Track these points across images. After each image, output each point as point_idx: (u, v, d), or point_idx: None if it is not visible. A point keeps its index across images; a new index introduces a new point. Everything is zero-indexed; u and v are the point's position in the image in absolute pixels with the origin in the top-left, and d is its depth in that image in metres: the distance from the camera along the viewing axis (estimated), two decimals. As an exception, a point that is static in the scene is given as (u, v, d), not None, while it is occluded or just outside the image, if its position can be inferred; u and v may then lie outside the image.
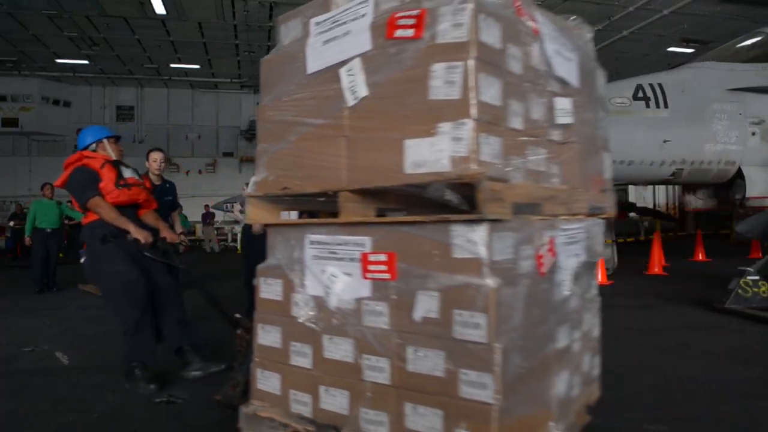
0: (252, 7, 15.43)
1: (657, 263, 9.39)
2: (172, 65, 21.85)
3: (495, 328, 1.71)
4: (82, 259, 3.76)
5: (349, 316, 2.02)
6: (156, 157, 5.14)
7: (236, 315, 3.09)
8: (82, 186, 3.57)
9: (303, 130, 2.19)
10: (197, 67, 22.02)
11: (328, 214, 2.38)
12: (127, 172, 3.74)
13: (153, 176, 5.16)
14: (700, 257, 11.44)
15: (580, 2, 15.10)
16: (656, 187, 23.68)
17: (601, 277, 7.89)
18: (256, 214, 2.35)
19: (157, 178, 5.20)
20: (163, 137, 25.13)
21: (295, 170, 2.21)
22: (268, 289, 2.27)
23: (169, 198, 5.37)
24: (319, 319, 2.10)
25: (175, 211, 5.62)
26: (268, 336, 2.26)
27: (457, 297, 1.77)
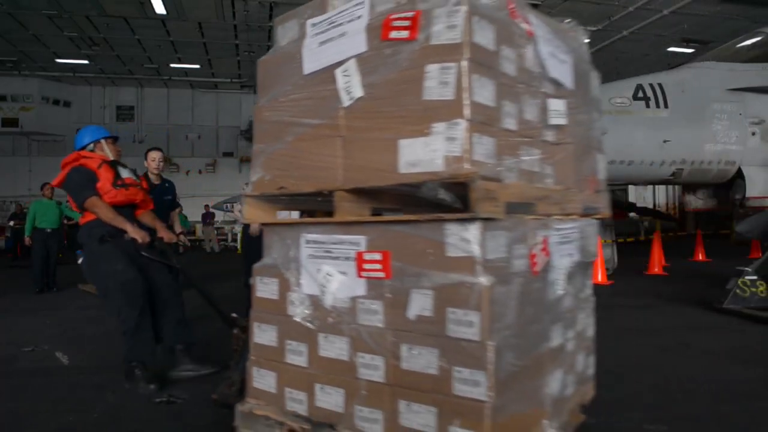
0: (252, 7, 15.44)
1: (657, 263, 9.39)
2: (172, 65, 21.85)
3: (488, 326, 1.72)
4: (80, 260, 3.76)
5: (344, 315, 2.03)
6: (154, 156, 5.15)
7: (233, 314, 3.09)
8: (79, 186, 3.57)
9: (299, 130, 2.21)
10: (197, 67, 22.02)
11: (324, 214, 2.40)
12: (125, 173, 3.75)
13: (152, 176, 5.16)
14: (700, 257, 11.45)
15: (580, 2, 15.12)
16: (656, 187, 23.66)
17: (601, 277, 7.92)
18: (252, 214, 2.36)
19: (156, 178, 5.20)
20: (163, 137, 25.12)
21: (291, 170, 2.22)
22: (264, 288, 2.28)
23: (169, 197, 5.38)
24: (315, 317, 2.12)
25: (175, 211, 5.64)
26: (264, 334, 2.28)
27: (450, 295, 1.79)
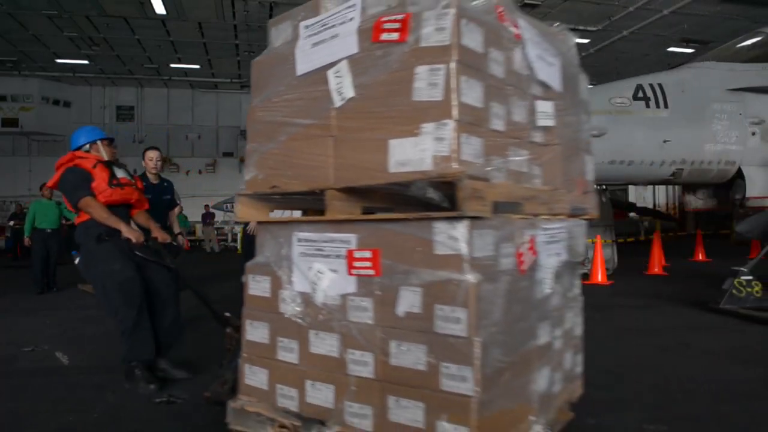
0: (252, 7, 15.45)
1: (657, 263, 9.41)
2: (172, 65, 21.83)
3: (475, 322, 1.75)
4: (77, 260, 3.76)
5: (335, 312, 2.07)
6: (152, 155, 5.12)
7: (226, 314, 3.09)
8: (73, 186, 3.58)
9: (292, 130, 2.24)
10: (197, 67, 22.00)
11: (316, 212, 2.43)
12: (120, 172, 3.76)
13: (150, 175, 5.14)
14: (700, 257, 11.46)
15: (580, 2, 15.14)
16: (656, 187, 23.71)
17: (601, 277, 7.94)
18: (245, 213, 2.39)
19: (154, 177, 5.18)
20: (163, 137, 25.13)
21: (284, 169, 2.26)
22: (257, 286, 2.32)
23: (167, 197, 5.35)
24: (306, 314, 2.15)
25: (174, 211, 5.61)
26: (256, 332, 2.31)
27: (438, 292, 1.82)
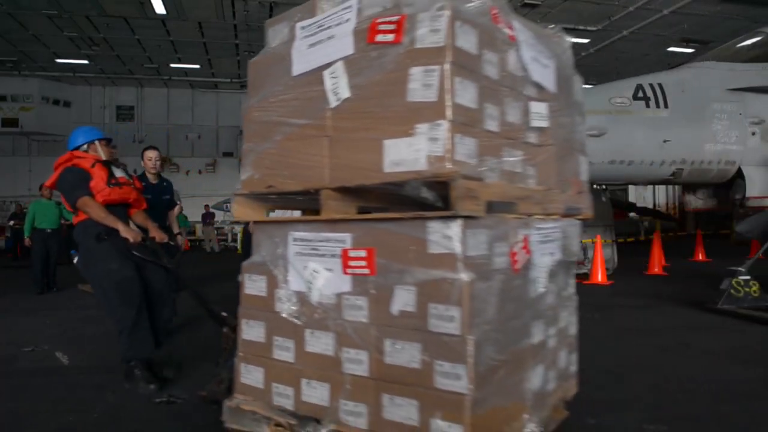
0: (252, 7, 15.47)
1: (657, 263, 9.42)
2: (172, 65, 21.84)
3: (468, 320, 1.77)
4: (75, 259, 3.76)
5: (330, 311, 2.08)
6: (151, 155, 5.13)
7: (223, 313, 3.10)
8: (71, 185, 3.58)
9: (288, 130, 2.25)
10: (197, 67, 22.02)
11: (312, 212, 2.45)
12: (118, 172, 3.77)
13: (150, 175, 5.14)
14: (700, 257, 11.46)
15: (580, 2, 15.15)
16: (656, 187, 23.72)
17: (601, 277, 7.95)
18: (241, 212, 2.41)
19: (153, 177, 5.18)
20: (163, 137, 25.15)
21: (280, 169, 2.27)
22: (253, 285, 2.33)
23: (167, 197, 5.36)
24: (302, 313, 2.16)
25: (173, 210, 5.60)
26: (252, 331, 2.32)
27: (432, 291, 1.84)
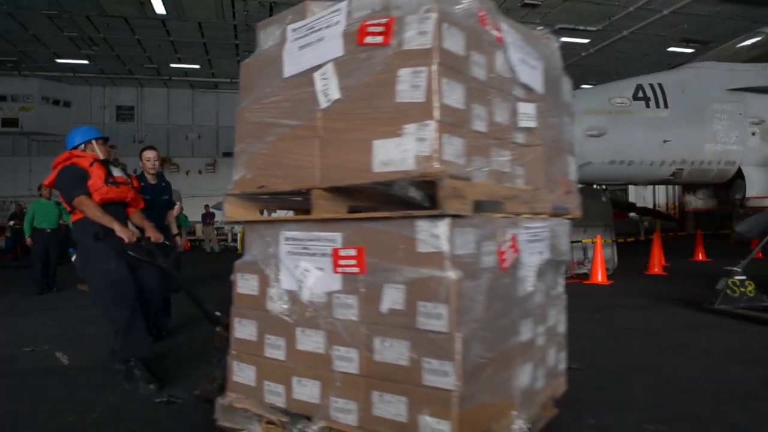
0: (252, 7, 15.51)
1: (657, 263, 9.44)
2: (172, 65, 21.90)
3: (456, 318, 1.79)
4: (74, 257, 3.79)
5: (321, 309, 2.11)
6: (149, 155, 5.13)
7: (216, 312, 3.11)
8: (69, 184, 3.61)
9: (279, 131, 2.28)
10: (197, 67, 22.07)
11: (303, 212, 2.47)
12: (116, 171, 3.81)
13: (149, 176, 5.13)
14: (700, 257, 11.48)
15: (580, 2, 15.18)
16: (656, 187, 23.73)
17: (601, 277, 7.97)
18: (234, 212, 2.43)
19: (152, 177, 5.17)
20: (163, 137, 25.20)
21: (271, 169, 2.29)
22: (245, 284, 2.36)
23: (166, 197, 5.35)
24: (293, 312, 2.19)
25: (172, 210, 5.59)
26: (244, 329, 2.35)
27: (421, 289, 1.86)
